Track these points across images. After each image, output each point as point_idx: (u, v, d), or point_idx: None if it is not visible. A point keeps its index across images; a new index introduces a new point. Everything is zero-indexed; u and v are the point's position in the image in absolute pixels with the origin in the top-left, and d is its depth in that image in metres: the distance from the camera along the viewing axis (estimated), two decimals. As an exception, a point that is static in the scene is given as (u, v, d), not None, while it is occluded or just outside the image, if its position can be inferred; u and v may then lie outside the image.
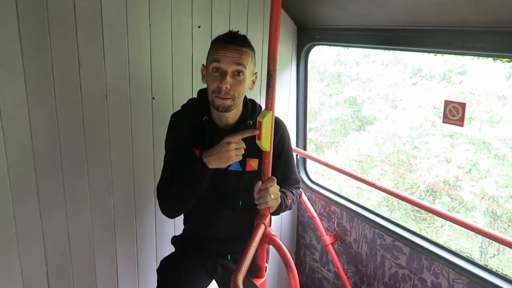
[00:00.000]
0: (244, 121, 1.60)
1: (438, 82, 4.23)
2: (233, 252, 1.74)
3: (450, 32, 1.62)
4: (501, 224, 3.42)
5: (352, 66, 5.24)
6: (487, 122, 3.58)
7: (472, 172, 3.73)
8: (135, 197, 2.06)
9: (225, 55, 1.44)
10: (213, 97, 1.48)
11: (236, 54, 1.45)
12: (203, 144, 1.58)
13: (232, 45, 1.46)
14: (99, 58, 1.79)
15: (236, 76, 1.47)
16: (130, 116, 1.94)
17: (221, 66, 1.45)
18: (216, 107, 1.50)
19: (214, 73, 1.47)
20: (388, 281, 2.12)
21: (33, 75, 1.66)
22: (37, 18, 1.62)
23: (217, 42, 1.49)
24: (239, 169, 1.62)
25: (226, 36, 1.48)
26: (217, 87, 1.45)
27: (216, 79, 1.46)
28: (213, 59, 1.46)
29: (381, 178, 4.52)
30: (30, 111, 1.68)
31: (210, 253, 1.74)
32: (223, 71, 1.45)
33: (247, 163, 1.62)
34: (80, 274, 1.98)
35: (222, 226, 1.70)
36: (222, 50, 1.45)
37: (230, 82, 1.45)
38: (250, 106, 1.64)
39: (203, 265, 1.73)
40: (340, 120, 5.11)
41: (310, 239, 2.63)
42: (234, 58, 1.45)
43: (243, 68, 1.47)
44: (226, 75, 1.45)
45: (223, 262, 1.74)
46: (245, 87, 1.51)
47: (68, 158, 1.82)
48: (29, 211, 1.77)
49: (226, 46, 1.45)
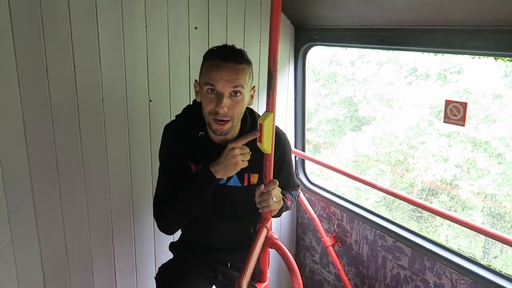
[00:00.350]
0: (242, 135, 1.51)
1: (434, 81, 4.23)
2: (233, 260, 1.70)
3: (449, 31, 1.61)
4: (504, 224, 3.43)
5: (348, 66, 5.24)
6: (484, 121, 3.59)
7: (470, 171, 3.74)
8: (133, 202, 2.02)
9: (220, 77, 1.34)
10: (209, 118, 1.40)
11: (232, 75, 1.35)
12: (199, 160, 1.52)
13: (227, 63, 1.35)
14: (95, 60, 1.76)
15: (233, 96, 1.38)
16: (127, 119, 1.91)
17: (217, 89, 1.35)
18: (214, 131, 1.42)
19: (209, 94, 1.37)
20: (389, 282, 2.10)
21: (27, 79, 1.62)
22: (31, 20, 1.58)
23: (210, 58, 1.38)
24: (238, 184, 1.57)
25: (220, 53, 1.37)
26: (214, 110, 1.37)
27: (211, 101, 1.37)
28: (207, 81, 1.36)
29: (378, 178, 4.52)
30: (24, 116, 1.64)
31: (210, 260, 1.70)
32: (219, 93, 1.36)
33: (245, 178, 1.57)
34: (77, 280, 1.94)
35: (220, 237, 1.66)
36: (216, 70, 1.34)
37: (227, 105, 1.36)
38: (250, 119, 1.56)
39: (204, 272, 1.69)
40: (336, 120, 5.11)
41: (309, 240, 2.61)
42: (229, 80, 1.34)
43: (241, 88, 1.37)
44: (223, 97, 1.35)
45: (224, 270, 1.71)
46: (243, 106, 1.43)
47: (64, 163, 1.78)
48: (25, 218, 1.73)
49: (220, 65, 1.34)
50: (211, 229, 1.64)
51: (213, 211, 1.58)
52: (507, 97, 3.41)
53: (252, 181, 1.57)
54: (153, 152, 2.01)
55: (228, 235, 1.65)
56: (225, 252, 1.69)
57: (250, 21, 2.17)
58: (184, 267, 1.66)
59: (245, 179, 1.56)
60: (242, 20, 2.14)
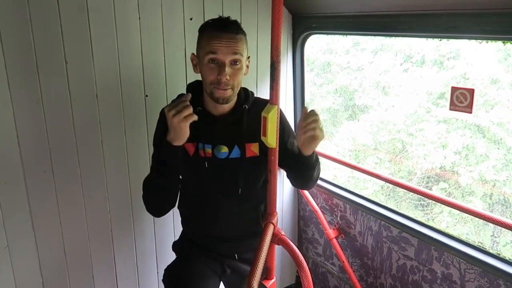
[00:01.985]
0: (239, 106, 1.55)
1: (430, 67, 4.19)
2: (240, 251, 1.67)
3: (455, 16, 1.56)
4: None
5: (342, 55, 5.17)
6: (482, 106, 3.57)
7: (469, 157, 3.73)
8: (132, 200, 1.97)
9: (221, 45, 1.38)
10: (211, 88, 1.43)
11: (232, 43, 1.39)
12: (198, 137, 1.51)
13: (226, 33, 1.39)
14: (87, 55, 1.69)
15: (233, 65, 1.42)
16: (122, 115, 1.84)
17: (219, 57, 1.39)
18: (216, 99, 1.45)
19: (210, 64, 1.41)
20: (395, 273, 2.08)
21: (17, 76, 1.54)
22: (18, 13, 1.50)
23: (208, 30, 1.42)
24: (239, 156, 1.55)
25: (218, 24, 1.42)
26: (216, 79, 1.41)
27: (213, 70, 1.41)
28: (209, 51, 1.39)
29: (376, 167, 4.50)
30: (15, 115, 1.57)
31: (217, 255, 1.67)
32: (221, 62, 1.40)
33: (247, 149, 1.55)
34: (77, 284, 1.89)
35: (227, 223, 1.62)
36: (217, 40, 1.38)
37: (229, 73, 1.41)
38: (243, 91, 1.59)
39: (211, 268, 1.66)
40: (332, 109, 5.06)
41: (312, 233, 2.58)
42: (230, 47, 1.39)
43: (240, 56, 1.42)
44: (225, 66, 1.40)
45: (231, 263, 1.68)
46: (242, 75, 1.48)
47: (59, 163, 1.72)
48: (20, 221, 1.67)
49: (220, 35, 1.39)
50: (217, 214, 1.60)
51: (218, 185, 1.56)
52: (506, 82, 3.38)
53: (253, 151, 1.56)
54: (151, 149, 1.94)
55: (235, 220, 1.62)
56: (232, 242, 1.66)
57: (247, 10, 2.10)
58: (191, 267, 1.63)
59: (246, 150, 1.55)
60: (239, 9, 2.07)
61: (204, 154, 1.52)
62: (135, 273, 2.07)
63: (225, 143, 1.54)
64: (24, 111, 1.59)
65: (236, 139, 1.54)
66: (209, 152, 1.53)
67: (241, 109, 1.54)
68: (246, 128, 1.52)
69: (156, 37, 1.85)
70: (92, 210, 1.85)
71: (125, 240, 1.99)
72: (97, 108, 1.76)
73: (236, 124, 1.54)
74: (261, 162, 1.49)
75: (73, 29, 1.63)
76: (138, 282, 2.10)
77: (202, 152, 1.52)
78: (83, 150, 1.76)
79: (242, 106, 1.54)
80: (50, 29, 1.58)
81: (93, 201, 1.84)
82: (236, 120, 1.55)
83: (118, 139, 1.85)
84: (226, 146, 1.54)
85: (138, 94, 1.86)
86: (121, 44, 1.76)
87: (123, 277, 2.03)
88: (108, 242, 1.94)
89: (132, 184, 1.93)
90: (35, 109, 1.61)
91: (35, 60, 1.57)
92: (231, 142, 1.54)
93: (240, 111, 1.54)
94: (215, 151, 1.53)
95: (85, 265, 1.90)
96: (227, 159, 1.54)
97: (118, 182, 1.90)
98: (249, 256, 1.62)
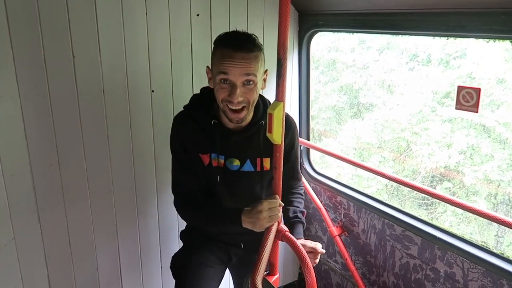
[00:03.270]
0: (256, 122, 1.53)
1: (436, 66, 4.17)
2: (246, 240, 1.70)
3: (463, 14, 1.55)
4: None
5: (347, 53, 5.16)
6: (488, 106, 3.55)
7: (473, 157, 3.71)
8: (136, 194, 1.98)
9: (233, 67, 1.33)
10: (223, 105, 1.40)
11: (245, 64, 1.33)
12: (213, 149, 1.51)
13: (240, 52, 1.33)
14: (94, 50, 1.70)
15: (246, 85, 1.37)
16: (128, 110, 1.85)
17: (230, 78, 1.35)
18: (230, 120, 1.43)
19: (222, 83, 1.37)
20: (398, 271, 2.08)
21: (24, 70, 1.56)
22: (27, 8, 1.51)
23: (222, 46, 1.36)
24: (252, 169, 1.57)
25: (232, 41, 1.35)
26: (227, 98, 1.38)
27: (225, 90, 1.37)
28: (220, 71, 1.35)
29: (380, 165, 4.49)
30: (23, 109, 1.59)
31: (223, 243, 1.70)
32: (232, 83, 1.36)
33: (257, 163, 1.57)
34: (82, 275, 1.91)
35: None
36: (229, 60, 1.33)
37: (241, 94, 1.37)
38: (262, 105, 1.56)
39: (218, 256, 1.70)
40: (337, 107, 5.05)
41: (315, 230, 2.59)
42: (243, 69, 1.33)
43: (254, 77, 1.37)
44: (236, 88, 1.35)
45: (237, 251, 1.71)
46: (257, 92, 1.43)
47: (65, 156, 1.73)
48: (27, 213, 1.69)
49: (233, 55, 1.32)
50: None
51: (229, 196, 1.58)
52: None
53: (264, 165, 1.57)
54: (156, 143, 1.96)
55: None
56: (238, 234, 1.67)
57: (253, 6, 2.09)
58: (198, 254, 1.67)
59: (257, 164, 1.57)
60: (245, 5, 2.07)
61: (216, 164, 1.53)
62: (139, 265, 2.09)
63: (238, 157, 1.54)
64: (31, 105, 1.60)
65: (249, 154, 1.54)
66: (222, 162, 1.53)
67: (257, 125, 1.52)
68: (261, 142, 1.51)
69: (163, 32, 1.85)
70: (97, 203, 1.87)
71: (129, 233, 2.01)
72: (103, 103, 1.77)
73: (251, 139, 1.54)
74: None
75: (80, 24, 1.64)
76: (142, 274, 2.11)
77: (214, 162, 1.53)
78: (89, 144, 1.77)
79: (259, 122, 1.52)
80: (58, 24, 1.59)
81: (99, 195, 1.86)
82: (252, 135, 1.53)
83: (124, 133, 1.86)
84: (238, 160, 1.54)
85: (144, 89, 1.87)
86: (128, 40, 1.76)
87: (127, 269, 2.05)
88: (112, 235, 1.96)
89: (137, 178, 1.95)
90: (43, 103, 1.63)
91: (43, 55, 1.58)
92: (244, 156, 1.54)
93: (257, 127, 1.52)
94: (227, 163, 1.54)
95: (90, 257, 1.92)
96: (239, 172, 1.55)
97: (123, 176, 1.91)
98: (255, 245, 1.64)
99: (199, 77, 2.00)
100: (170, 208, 2.09)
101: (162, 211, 2.08)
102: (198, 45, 1.96)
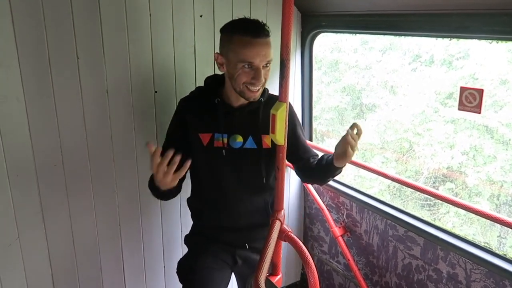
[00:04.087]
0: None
1: (439, 67, 4.16)
2: (250, 240, 1.71)
3: (466, 15, 1.55)
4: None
5: (350, 53, 5.16)
6: (491, 107, 3.54)
7: (476, 158, 3.71)
8: (140, 194, 1.99)
9: (257, 53, 1.42)
10: (242, 87, 1.49)
11: (265, 49, 1.44)
12: (217, 128, 1.57)
13: (259, 39, 1.43)
14: (99, 51, 1.71)
15: (265, 67, 1.48)
16: (132, 111, 1.86)
17: (255, 64, 1.44)
18: (247, 98, 1.52)
19: (245, 68, 1.45)
20: (401, 272, 2.08)
21: (29, 71, 1.57)
22: (32, 9, 1.53)
23: (240, 34, 1.43)
24: (254, 146, 1.61)
25: (249, 30, 1.43)
26: (250, 81, 1.46)
27: (248, 74, 1.46)
28: (243, 59, 1.43)
29: (383, 166, 4.49)
30: (28, 109, 1.60)
31: (228, 245, 1.71)
32: (256, 67, 1.45)
33: (262, 140, 1.61)
34: (86, 275, 1.92)
35: (238, 212, 1.67)
36: (251, 47, 1.42)
37: (263, 75, 1.47)
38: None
39: (223, 260, 1.71)
40: (339, 108, 5.05)
41: (318, 231, 2.59)
42: (264, 54, 1.44)
43: (271, 58, 1.48)
44: (260, 71, 1.45)
45: (242, 253, 1.72)
46: None
47: (69, 157, 1.74)
48: (31, 213, 1.70)
49: (254, 42, 1.42)
50: (231, 204, 1.66)
51: (231, 174, 1.62)
52: (516, 82, 3.35)
53: (266, 143, 1.62)
54: (159, 144, 1.97)
55: (247, 210, 1.67)
56: (243, 232, 1.70)
57: (256, 7, 2.10)
58: (203, 259, 1.68)
59: (262, 142, 1.62)
60: (248, 6, 2.08)
61: (220, 144, 1.58)
62: (142, 266, 2.10)
63: (240, 133, 1.60)
64: (36, 105, 1.61)
65: (251, 130, 1.60)
66: (225, 141, 1.58)
67: (258, 101, 1.58)
68: (262, 120, 1.58)
69: (166, 33, 1.86)
70: (101, 203, 1.88)
71: (132, 233, 2.02)
72: (107, 103, 1.78)
73: (253, 115, 1.60)
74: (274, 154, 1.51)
75: (85, 25, 1.65)
76: (145, 275, 2.12)
77: (217, 142, 1.58)
78: (92, 144, 1.78)
79: (259, 99, 1.58)
80: (63, 25, 1.60)
81: (102, 195, 1.87)
82: (253, 111, 1.60)
83: (128, 134, 1.87)
84: (241, 136, 1.59)
85: (148, 90, 1.88)
86: (131, 41, 1.77)
87: (131, 269, 2.06)
88: (116, 235, 1.97)
89: (141, 179, 1.95)
90: (47, 104, 1.64)
91: (47, 56, 1.59)
92: (246, 133, 1.60)
93: (257, 103, 1.59)
94: (230, 140, 1.59)
95: (93, 257, 1.93)
96: (241, 149, 1.60)
97: (127, 177, 1.92)
98: (260, 245, 1.66)
99: (202, 78, 1.99)
100: (173, 208, 2.09)
101: (165, 212, 2.09)
102: (202, 46, 1.97)
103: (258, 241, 1.69)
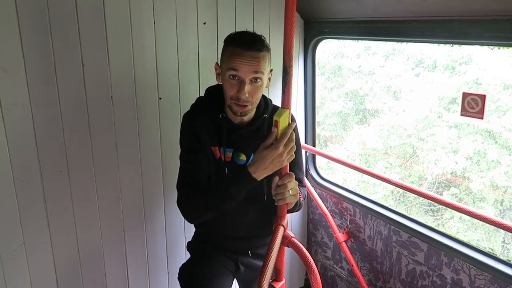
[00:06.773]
0: (259, 116, 1.57)
1: (442, 72, 4.17)
2: (253, 247, 1.71)
3: (468, 22, 1.56)
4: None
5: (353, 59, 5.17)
6: (494, 112, 3.54)
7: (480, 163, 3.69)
8: (144, 201, 2.00)
9: (242, 64, 1.39)
10: (231, 102, 1.46)
11: (254, 62, 1.39)
12: (221, 142, 1.55)
13: (249, 51, 1.39)
14: (103, 58, 1.73)
15: (254, 82, 1.43)
16: (136, 117, 1.88)
17: (239, 75, 1.41)
18: (235, 112, 1.48)
19: (231, 79, 1.43)
20: (405, 278, 2.08)
21: (35, 78, 1.59)
22: (38, 18, 1.55)
23: (232, 45, 1.42)
24: None
25: (242, 41, 1.41)
26: (235, 95, 1.42)
27: (233, 86, 1.43)
28: (230, 67, 1.41)
29: (386, 171, 4.48)
30: (33, 116, 1.62)
31: (230, 252, 1.71)
32: (241, 79, 1.41)
33: None
34: (90, 280, 1.93)
35: (241, 223, 1.65)
36: (239, 58, 1.39)
37: (248, 90, 1.42)
38: (263, 100, 1.61)
39: (225, 266, 1.70)
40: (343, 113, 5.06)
41: (321, 236, 2.59)
42: (252, 66, 1.39)
43: (261, 74, 1.42)
44: (244, 84, 1.41)
45: (245, 260, 1.72)
46: (262, 90, 1.48)
47: (75, 163, 1.76)
48: (36, 219, 1.72)
49: (243, 53, 1.39)
50: (237, 219, 1.64)
51: None
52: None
53: None
54: (163, 150, 1.99)
55: (250, 221, 1.65)
56: (246, 240, 1.69)
57: (259, 14, 2.12)
58: (205, 265, 1.67)
59: None
60: (251, 14, 2.10)
61: (224, 158, 1.55)
62: (146, 271, 2.11)
63: (243, 151, 1.57)
64: (42, 112, 1.63)
65: (254, 148, 1.52)
66: (229, 156, 1.56)
67: (261, 118, 1.56)
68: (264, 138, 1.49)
69: (170, 41, 1.88)
70: (105, 209, 1.89)
71: (137, 239, 2.03)
72: (112, 110, 1.80)
73: (256, 133, 1.57)
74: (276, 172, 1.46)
75: (90, 33, 1.67)
76: (149, 281, 2.13)
77: (223, 156, 1.55)
78: (97, 150, 1.80)
79: (262, 116, 1.57)
80: (68, 33, 1.63)
81: (107, 200, 1.88)
82: (256, 129, 1.58)
83: (132, 140, 1.89)
84: (244, 154, 1.57)
85: (152, 96, 1.90)
86: (136, 48, 1.80)
87: (135, 275, 2.07)
88: (120, 241, 1.98)
89: (145, 184, 1.97)
90: (53, 110, 1.66)
91: (53, 63, 1.62)
92: (249, 151, 1.56)
93: (260, 120, 1.57)
94: (234, 157, 1.56)
95: (97, 262, 1.94)
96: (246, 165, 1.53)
97: (131, 183, 1.94)
98: (263, 251, 1.65)
99: (206, 84, 2.01)
100: (177, 214, 2.10)
101: (169, 217, 2.10)
102: (205, 53, 1.99)
103: (261, 248, 1.70)
